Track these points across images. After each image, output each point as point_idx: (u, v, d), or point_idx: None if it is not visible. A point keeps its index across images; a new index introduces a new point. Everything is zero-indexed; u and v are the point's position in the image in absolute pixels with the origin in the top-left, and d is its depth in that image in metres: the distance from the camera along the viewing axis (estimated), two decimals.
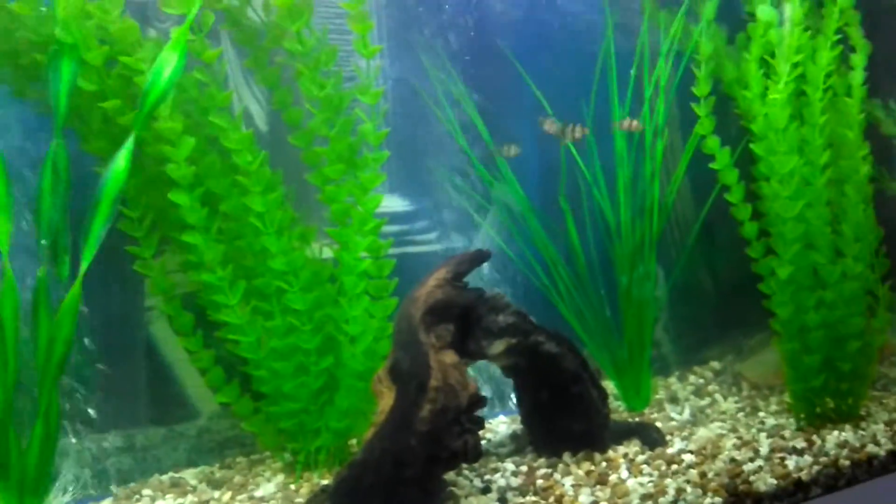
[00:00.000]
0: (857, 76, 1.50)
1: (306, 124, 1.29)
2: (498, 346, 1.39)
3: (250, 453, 1.48)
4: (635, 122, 1.56)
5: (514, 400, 1.49)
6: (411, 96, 1.61)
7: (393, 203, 1.64)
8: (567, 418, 1.44)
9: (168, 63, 1.13)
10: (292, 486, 1.34)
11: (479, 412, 1.28)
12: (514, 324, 1.40)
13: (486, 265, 1.72)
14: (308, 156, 1.31)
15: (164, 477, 1.39)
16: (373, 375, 1.27)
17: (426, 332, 1.29)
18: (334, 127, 1.27)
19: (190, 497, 1.30)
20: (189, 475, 1.40)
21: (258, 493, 1.31)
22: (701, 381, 1.85)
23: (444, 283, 1.34)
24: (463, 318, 1.35)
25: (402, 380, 1.24)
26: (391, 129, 1.62)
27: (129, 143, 1.14)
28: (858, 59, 1.50)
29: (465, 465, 1.38)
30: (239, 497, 1.30)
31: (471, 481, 1.34)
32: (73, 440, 1.30)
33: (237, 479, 1.38)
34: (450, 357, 1.29)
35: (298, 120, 1.29)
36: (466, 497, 1.28)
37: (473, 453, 1.26)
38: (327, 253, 1.39)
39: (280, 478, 1.38)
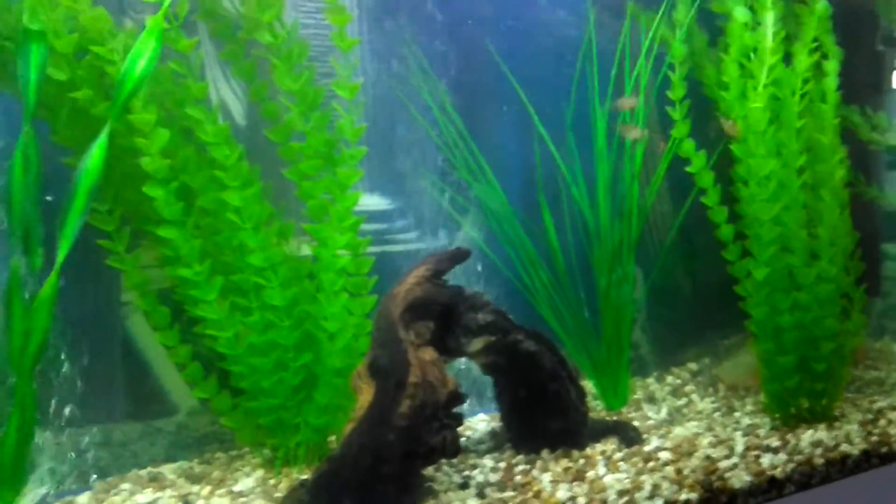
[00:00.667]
0: (831, 81, 1.53)
1: (283, 119, 1.29)
2: (477, 344, 1.40)
3: (229, 449, 1.48)
4: (632, 101, 1.57)
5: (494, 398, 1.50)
6: (391, 94, 1.62)
7: (373, 201, 1.65)
8: (545, 416, 1.45)
9: (144, 52, 1.13)
10: (271, 482, 1.34)
11: (458, 409, 1.29)
12: (494, 322, 1.41)
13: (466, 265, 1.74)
14: (285, 151, 1.31)
15: (143, 472, 1.38)
16: (352, 372, 1.27)
17: (405, 329, 1.30)
18: (310, 121, 1.27)
19: (169, 491, 1.30)
20: (167, 470, 1.40)
21: (237, 488, 1.31)
22: (678, 381, 1.87)
23: (424, 281, 1.35)
24: (443, 316, 1.36)
25: (381, 376, 1.25)
26: (370, 126, 1.64)
27: (105, 135, 1.14)
28: (832, 65, 1.52)
29: (444, 461, 1.39)
30: (218, 492, 1.30)
31: (450, 477, 1.35)
32: (50, 434, 1.30)
33: (216, 474, 1.38)
34: (429, 354, 1.30)
35: (275, 114, 1.29)
36: (445, 492, 1.29)
37: (452, 449, 1.27)
38: (306, 250, 1.39)
39: (259, 473, 1.38)
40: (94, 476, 1.35)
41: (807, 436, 1.48)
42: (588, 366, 1.69)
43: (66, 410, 1.34)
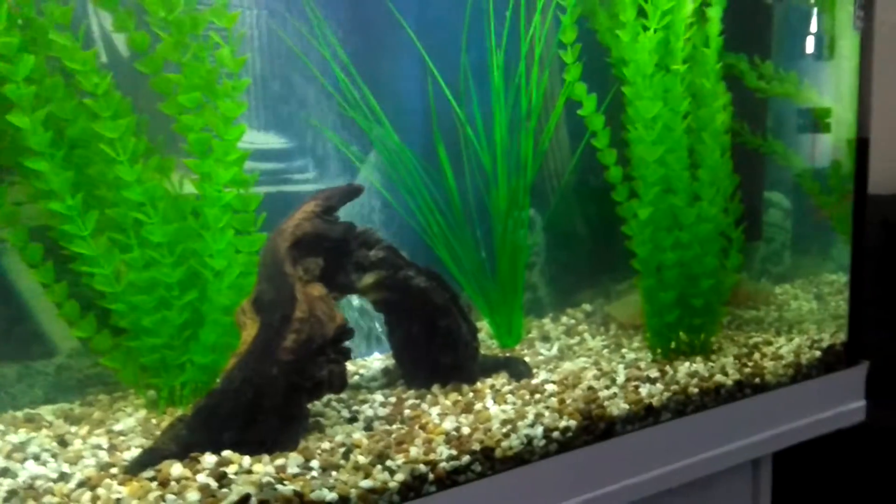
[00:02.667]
0: (714, 27, 1.57)
1: (155, 49, 1.24)
2: (368, 279, 1.41)
3: (113, 391, 1.45)
4: None
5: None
6: (287, 33, 1.58)
7: (268, 140, 1.62)
8: (436, 351, 1.47)
9: None
10: (154, 421, 1.32)
11: (346, 343, 1.30)
12: (385, 258, 1.42)
13: (366, 207, 1.74)
14: (157, 83, 1.26)
15: (19, 413, 1.34)
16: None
17: (292, 265, 1.29)
18: (188, 52, 1.23)
19: (45, 432, 1.27)
20: (46, 411, 1.36)
21: (117, 427, 1.29)
22: (572, 321, 1.92)
23: (313, 216, 1.34)
24: (333, 252, 1.36)
25: (267, 311, 1.24)
26: (266, 66, 1.60)
27: None
28: (715, 11, 1.56)
29: (333, 397, 1.40)
30: (97, 431, 1.27)
31: (338, 412, 1.36)
32: None
33: (97, 415, 1.35)
34: (317, 290, 1.29)
35: (145, 45, 1.24)
36: (332, 426, 1.30)
37: (339, 383, 1.28)
38: (190, 188, 1.36)
39: (142, 413, 1.36)
40: None
41: (684, 367, 1.55)
42: (483, 305, 1.72)
43: None
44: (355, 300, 1.68)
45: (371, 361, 1.63)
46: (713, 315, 1.63)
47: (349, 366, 1.55)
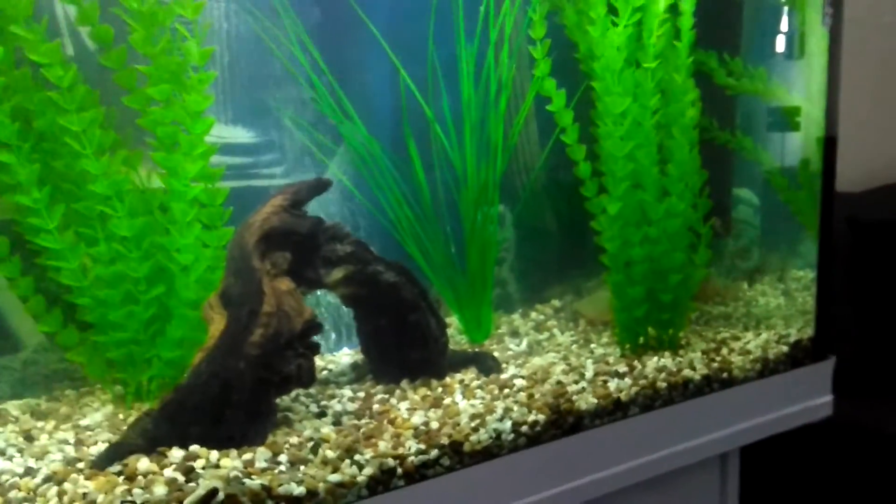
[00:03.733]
0: (686, 21, 1.58)
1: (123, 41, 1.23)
2: (336, 274, 1.41)
3: (80, 386, 1.44)
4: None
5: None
6: (258, 27, 1.58)
7: (236, 134, 1.61)
8: (405, 346, 1.48)
9: None
10: (121, 416, 1.31)
11: (315, 338, 1.30)
12: (354, 253, 1.42)
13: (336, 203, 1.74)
14: (122, 76, 1.25)
15: None
16: None
17: (260, 259, 1.28)
18: (158, 43, 1.22)
19: (11, 427, 1.25)
20: (12, 407, 1.34)
21: (84, 423, 1.28)
22: (542, 317, 1.93)
23: (281, 210, 1.33)
24: (301, 247, 1.35)
25: (234, 306, 1.23)
26: (234, 59, 1.59)
27: None
28: (686, 5, 1.57)
29: (301, 393, 1.40)
30: (63, 426, 1.26)
31: (307, 407, 1.36)
32: None
33: (64, 410, 1.33)
34: (285, 284, 1.29)
35: (109, 39, 1.23)
36: (301, 421, 1.30)
37: (307, 377, 1.28)
38: (158, 182, 1.35)
39: (109, 408, 1.35)
40: None
41: (652, 362, 1.56)
42: (453, 301, 1.72)
43: None
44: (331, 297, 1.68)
45: (340, 357, 1.63)
46: (681, 310, 1.65)
47: (318, 361, 1.55)
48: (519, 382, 1.46)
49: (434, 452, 1.22)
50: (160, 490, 1.02)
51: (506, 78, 1.63)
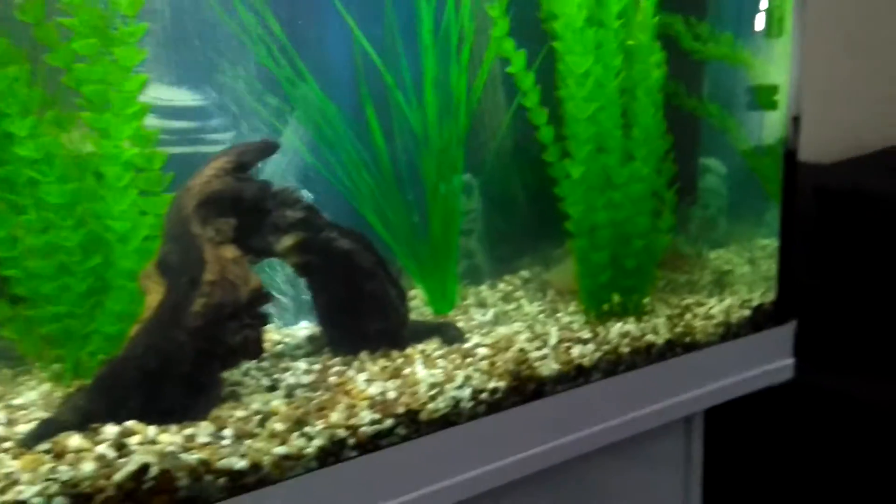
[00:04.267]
0: None
1: None
2: (286, 242, 1.34)
3: (17, 365, 1.36)
4: None
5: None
6: None
7: (181, 96, 1.53)
8: (363, 317, 1.41)
9: None
10: (58, 394, 1.23)
11: (264, 308, 1.23)
12: (305, 219, 1.35)
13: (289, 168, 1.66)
14: (41, 32, 1.16)
15: None
16: None
17: (201, 225, 1.22)
18: None
19: None
20: None
21: (17, 402, 1.20)
22: (510, 288, 1.88)
23: (224, 174, 1.26)
24: (248, 212, 1.29)
25: (173, 274, 1.16)
26: (179, 17, 1.51)
27: None
28: None
29: (252, 366, 1.34)
30: None
31: (258, 381, 1.29)
32: None
33: None
34: (230, 252, 1.23)
35: None
36: (250, 395, 1.23)
37: (254, 349, 1.21)
38: (91, 147, 1.27)
39: (46, 386, 1.27)
40: None
41: (616, 328, 1.52)
42: (416, 271, 1.66)
43: None
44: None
45: (298, 330, 1.56)
46: (645, 276, 1.61)
47: (274, 335, 1.49)
48: (481, 351, 1.41)
49: (389, 422, 1.16)
50: (88, 467, 0.95)
51: (467, 29, 1.56)
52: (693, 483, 1.72)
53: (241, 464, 1.02)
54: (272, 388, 1.27)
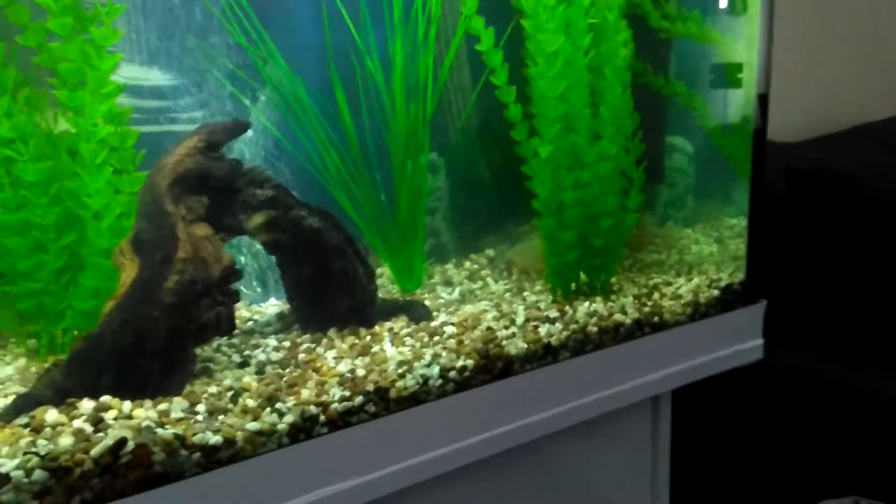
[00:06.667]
0: None
1: None
2: (257, 220, 1.36)
3: None
4: None
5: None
6: None
7: (153, 76, 1.53)
8: (332, 294, 1.44)
9: None
10: (34, 370, 1.25)
11: (234, 285, 1.26)
12: (275, 197, 1.37)
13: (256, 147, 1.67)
14: (14, 12, 1.16)
15: None
16: None
17: (174, 203, 1.23)
18: None
19: None
20: None
21: None
22: (476, 266, 1.91)
23: (196, 152, 1.27)
24: (219, 191, 1.30)
25: (146, 252, 1.18)
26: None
27: None
28: None
29: (224, 343, 1.36)
30: None
31: (229, 357, 1.32)
32: None
33: None
34: (201, 229, 1.24)
35: None
36: (222, 371, 1.26)
37: (226, 325, 1.23)
38: (65, 126, 1.27)
39: (22, 362, 1.28)
40: None
41: (584, 307, 1.55)
42: (383, 249, 1.69)
43: None
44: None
45: (267, 307, 1.58)
46: (613, 255, 1.64)
47: (244, 311, 1.51)
48: (449, 329, 1.44)
49: (359, 399, 1.19)
50: (66, 441, 0.97)
51: (435, 11, 1.57)
52: (661, 463, 1.75)
53: (215, 439, 1.04)
54: (243, 364, 1.29)
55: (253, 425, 1.07)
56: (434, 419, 1.24)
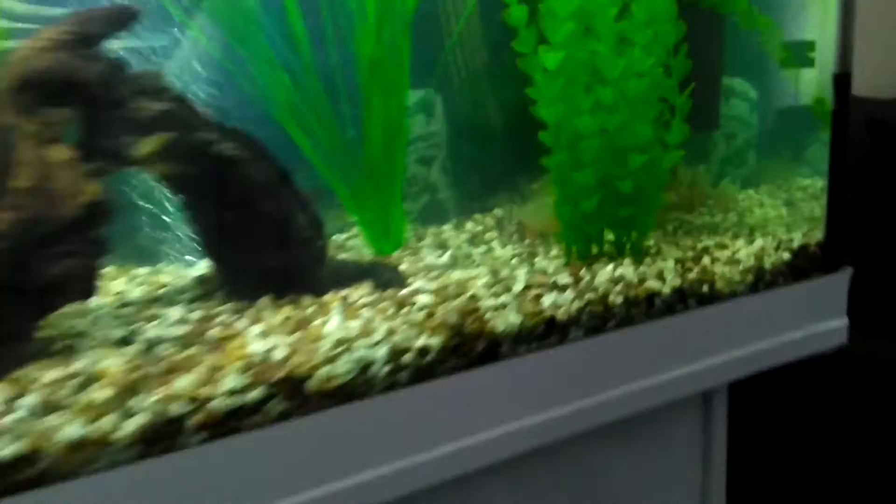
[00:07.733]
0: None
1: None
2: (147, 145, 0.99)
3: None
4: None
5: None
6: None
7: None
8: (262, 250, 1.07)
9: None
10: None
11: (100, 230, 0.90)
12: (173, 112, 1.00)
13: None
14: None
15: None
16: None
17: (17, 115, 0.88)
18: None
19: None
20: None
21: None
22: (479, 228, 1.53)
23: (58, 47, 0.92)
24: (91, 102, 0.95)
25: None
26: None
27: None
28: None
29: (106, 314, 1.01)
30: None
31: (108, 332, 0.96)
32: None
33: None
34: (60, 152, 0.89)
35: None
36: (89, 350, 0.90)
37: (83, 286, 0.88)
38: None
39: None
40: None
41: (606, 271, 1.15)
42: (349, 198, 1.31)
43: None
44: None
45: (191, 270, 1.22)
46: (647, 205, 1.24)
47: (164, 276, 1.17)
48: (422, 299, 1.06)
49: (258, 393, 0.82)
50: None
51: None
52: (715, 474, 1.37)
53: (10, 449, 0.68)
54: (124, 341, 0.93)
55: (73, 431, 0.71)
56: (368, 424, 0.85)
